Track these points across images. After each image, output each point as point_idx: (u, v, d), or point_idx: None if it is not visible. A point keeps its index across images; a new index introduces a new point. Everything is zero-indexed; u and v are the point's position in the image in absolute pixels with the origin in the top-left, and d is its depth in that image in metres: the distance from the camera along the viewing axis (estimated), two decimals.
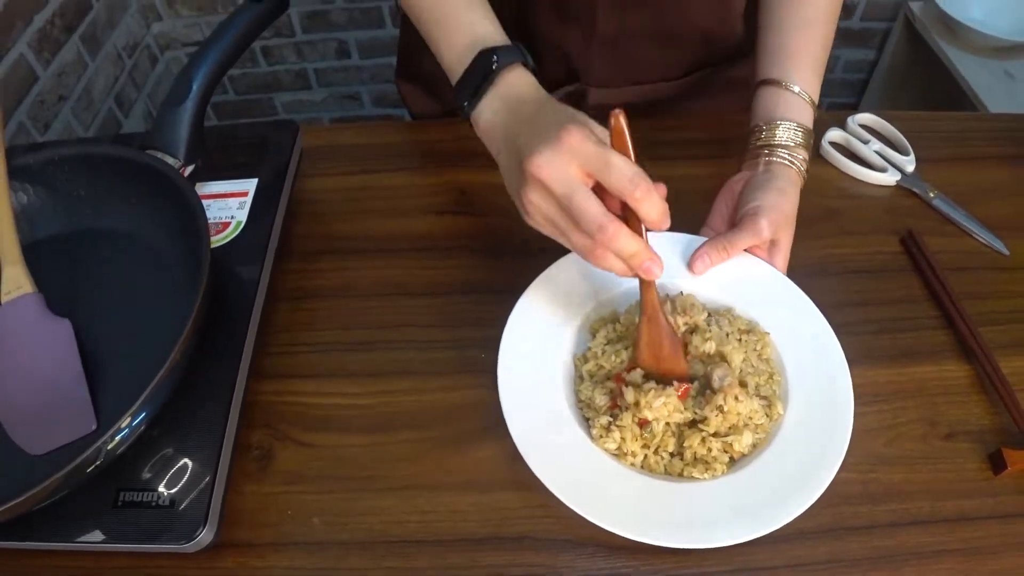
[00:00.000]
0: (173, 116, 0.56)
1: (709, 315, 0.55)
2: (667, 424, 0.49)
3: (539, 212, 0.46)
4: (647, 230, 0.45)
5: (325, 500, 0.47)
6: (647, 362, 0.51)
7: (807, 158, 0.60)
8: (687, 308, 0.53)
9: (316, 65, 1.79)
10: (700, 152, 0.69)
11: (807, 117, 0.61)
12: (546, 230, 0.48)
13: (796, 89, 0.61)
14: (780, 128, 0.60)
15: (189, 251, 0.50)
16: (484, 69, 0.52)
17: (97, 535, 0.42)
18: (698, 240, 0.58)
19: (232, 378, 0.47)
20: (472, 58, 0.53)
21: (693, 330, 0.53)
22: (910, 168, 0.67)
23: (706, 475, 0.48)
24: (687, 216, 0.56)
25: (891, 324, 0.56)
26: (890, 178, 0.66)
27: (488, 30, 0.55)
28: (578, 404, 0.52)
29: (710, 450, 0.48)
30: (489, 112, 0.53)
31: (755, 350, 0.53)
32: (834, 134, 0.69)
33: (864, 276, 0.59)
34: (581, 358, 0.54)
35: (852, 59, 1.79)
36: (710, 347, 0.51)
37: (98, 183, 0.56)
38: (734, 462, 0.49)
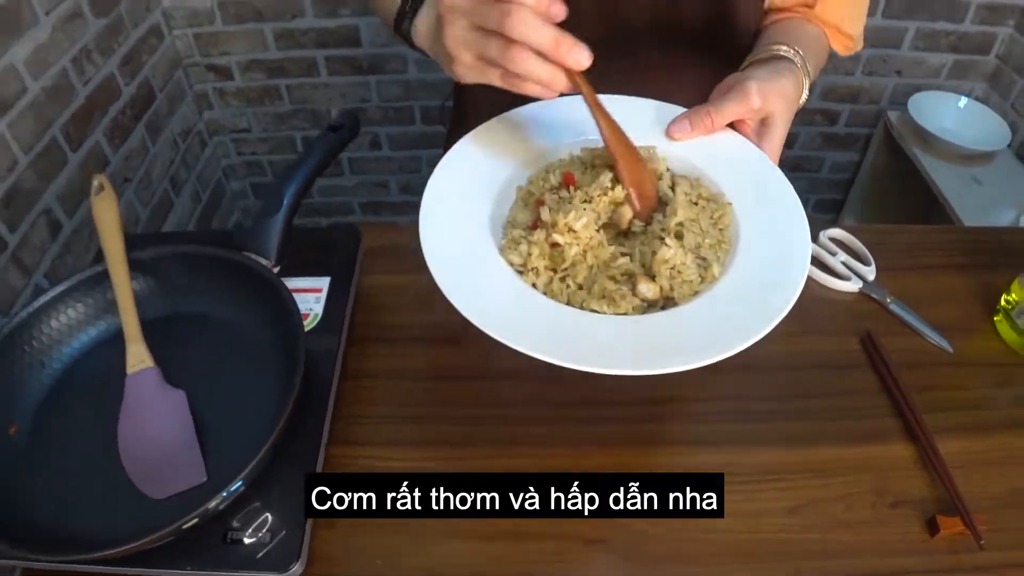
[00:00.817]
0: (267, 225, 0.68)
1: (668, 170, 0.51)
2: (584, 253, 0.46)
3: (458, 44, 0.43)
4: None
5: (385, 545, 0.56)
6: (643, 190, 0.47)
7: (809, 85, 0.57)
8: (647, 157, 0.50)
9: (351, 155, 1.92)
10: None
11: (807, 74, 0.59)
12: (474, 70, 0.44)
13: (801, 52, 0.59)
14: (785, 52, 0.58)
15: (278, 336, 0.62)
16: None
17: (209, 564, 0.51)
18: (677, 109, 0.55)
19: (316, 444, 0.58)
20: None
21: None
22: (871, 277, 0.78)
23: (608, 310, 0.45)
24: None
25: (848, 412, 0.65)
26: (853, 286, 0.76)
27: None
28: (505, 226, 0.50)
29: (619, 288, 0.45)
30: (424, 25, 0.54)
31: (711, 218, 0.50)
32: None
33: (826, 371, 0.68)
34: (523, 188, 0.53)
35: (838, 161, 1.92)
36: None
37: (201, 276, 0.67)
38: (645, 310, 0.45)
